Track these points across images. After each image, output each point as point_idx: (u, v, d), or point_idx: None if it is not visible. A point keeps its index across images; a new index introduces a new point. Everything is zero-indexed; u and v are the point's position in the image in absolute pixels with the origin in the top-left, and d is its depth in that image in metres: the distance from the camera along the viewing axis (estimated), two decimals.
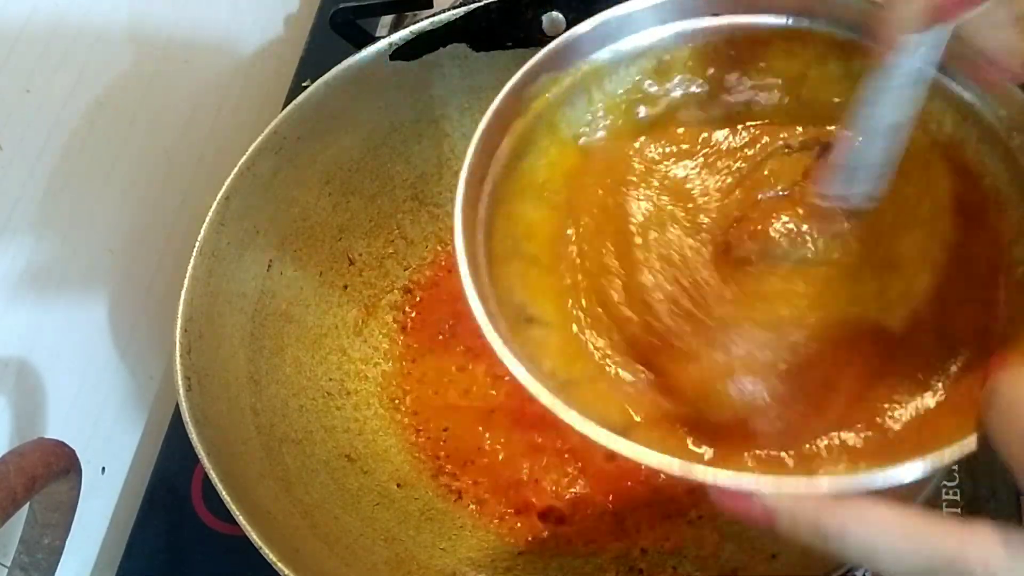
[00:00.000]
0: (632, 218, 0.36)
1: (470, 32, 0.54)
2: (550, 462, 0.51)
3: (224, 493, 0.42)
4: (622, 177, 0.36)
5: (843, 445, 0.30)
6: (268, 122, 0.51)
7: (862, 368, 0.32)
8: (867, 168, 0.32)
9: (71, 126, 0.54)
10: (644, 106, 0.37)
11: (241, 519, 0.41)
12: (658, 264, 0.35)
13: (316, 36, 0.76)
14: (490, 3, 0.53)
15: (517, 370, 0.29)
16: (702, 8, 0.36)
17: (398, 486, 0.52)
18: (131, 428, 0.63)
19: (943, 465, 0.26)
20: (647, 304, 0.34)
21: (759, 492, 0.27)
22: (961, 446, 0.26)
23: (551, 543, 0.49)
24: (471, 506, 0.51)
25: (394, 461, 0.53)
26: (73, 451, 0.43)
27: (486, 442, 0.53)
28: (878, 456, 0.29)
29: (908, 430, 0.30)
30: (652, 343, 0.33)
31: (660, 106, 0.37)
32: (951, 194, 0.33)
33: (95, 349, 0.58)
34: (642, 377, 0.33)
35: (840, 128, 0.33)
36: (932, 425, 0.29)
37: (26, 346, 0.52)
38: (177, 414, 0.58)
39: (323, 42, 0.74)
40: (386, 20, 0.75)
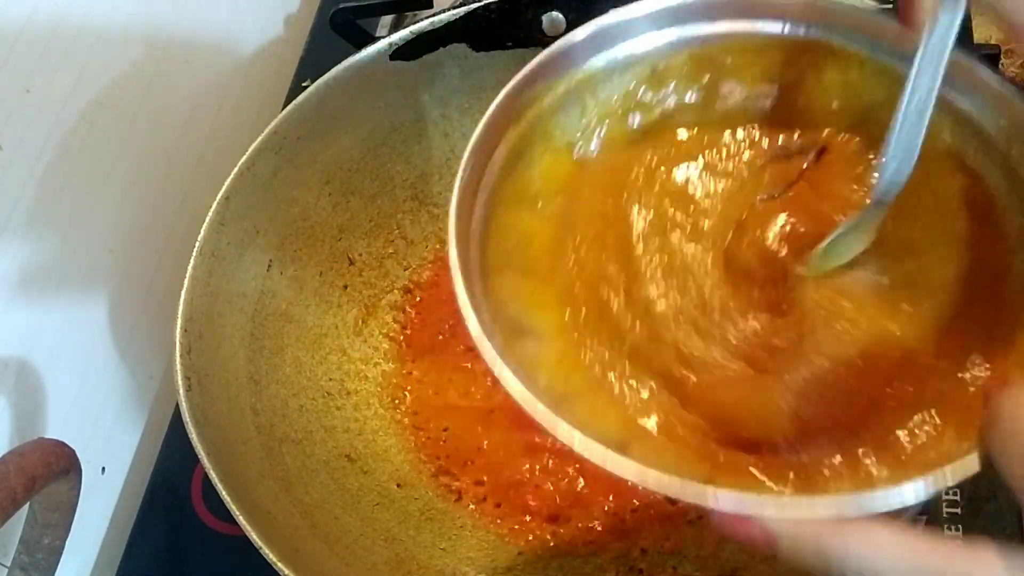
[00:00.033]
0: (630, 226, 0.35)
1: (470, 32, 0.54)
2: (550, 462, 0.51)
3: (224, 493, 0.42)
4: (618, 185, 0.36)
5: (847, 465, 0.30)
6: (268, 122, 0.51)
7: (872, 385, 0.31)
8: (900, 151, 0.31)
9: (71, 126, 0.54)
10: (639, 113, 0.36)
11: (241, 519, 0.41)
12: (660, 273, 0.34)
13: (316, 36, 0.76)
14: (490, 3, 0.53)
15: (513, 386, 0.29)
16: (698, 14, 0.35)
17: (398, 486, 0.52)
18: (131, 428, 0.63)
19: (945, 486, 0.26)
20: (651, 314, 0.33)
21: (761, 515, 0.26)
22: (964, 466, 0.26)
23: (551, 543, 0.49)
24: (471, 506, 0.51)
25: (394, 461, 0.53)
26: (73, 451, 0.43)
27: (486, 442, 0.52)
28: (881, 476, 0.29)
29: (911, 449, 0.29)
30: (658, 354, 0.33)
31: (655, 113, 0.36)
32: (962, 198, 0.33)
33: (95, 349, 0.58)
34: (647, 389, 0.33)
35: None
36: (934, 445, 0.29)
37: (26, 346, 0.52)
38: (177, 414, 0.58)
39: (323, 42, 0.74)
40: (386, 20, 0.75)
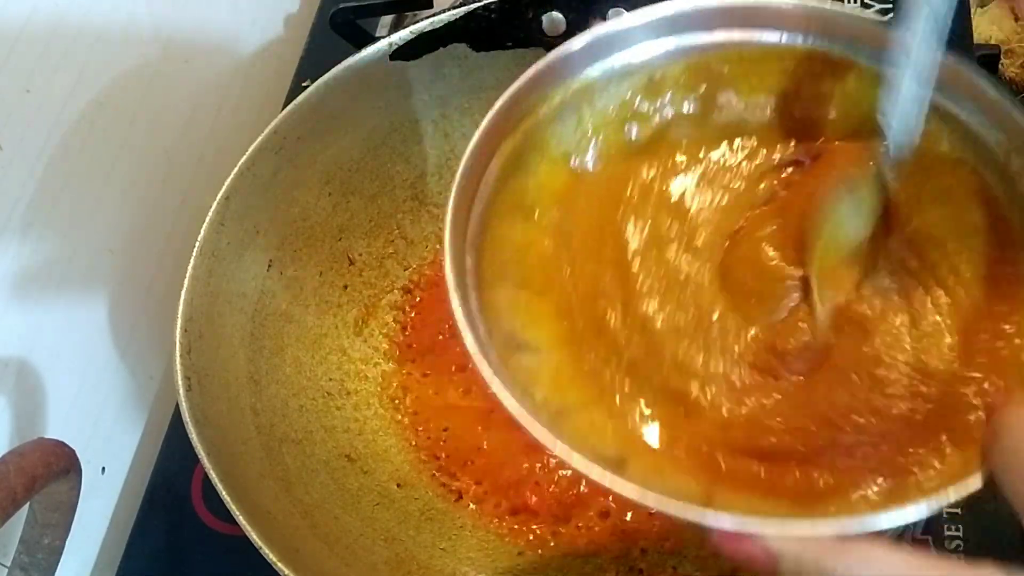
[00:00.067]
0: (627, 239, 0.35)
1: (470, 32, 0.54)
2: (550, 462, 0.51)
3: (224, 493, 0.42)
4: (614, 197, 0.35)
5: (850, 477, 0.29)
6: (268, 122, 0.51)
7: (876, 397, 0.31)
8: (906, 112, 0.31)
9: (71, 126, 0.54)
10: (635, 124, 0.36)
11: (241, 519, 0.41)
12: (657, 287, 0.34)
13: (316, 36, 0.76)
14: (490, 3, 0.53)
15: (509, 404, 0.29)
16: (695, 24, 0.35)
17: (398, 486, 0.52)
18: (131, 428, 0.63)
19: (947, 504, 0.26)
20: (649, 329, 0.33)
21: (761, 534, 0.26)
22: (966, 485, 0.26)
23: (551, 543, 0.49)
24: (471, 506, 0.51)
25: (394, 461, 0.53)
26: (73, 451, 0.43)
27: (486, 442, 0.52)
28: (884, 492, 0.28)
29: (915, 465, 0.29)
30: (658, 368, 0.33)
31: (652, 124, 0.36)
32: (981, 209, 0.33)
33: (95, 349, 0.58)
34: (647, 402, 0.32)
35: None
36: (937, 461, 0.29)
37: (26, 346, 0.52)
38: (177, 414, 0.58)
39: (323, 42, 0.74)
40: (386, 20, 0.75)
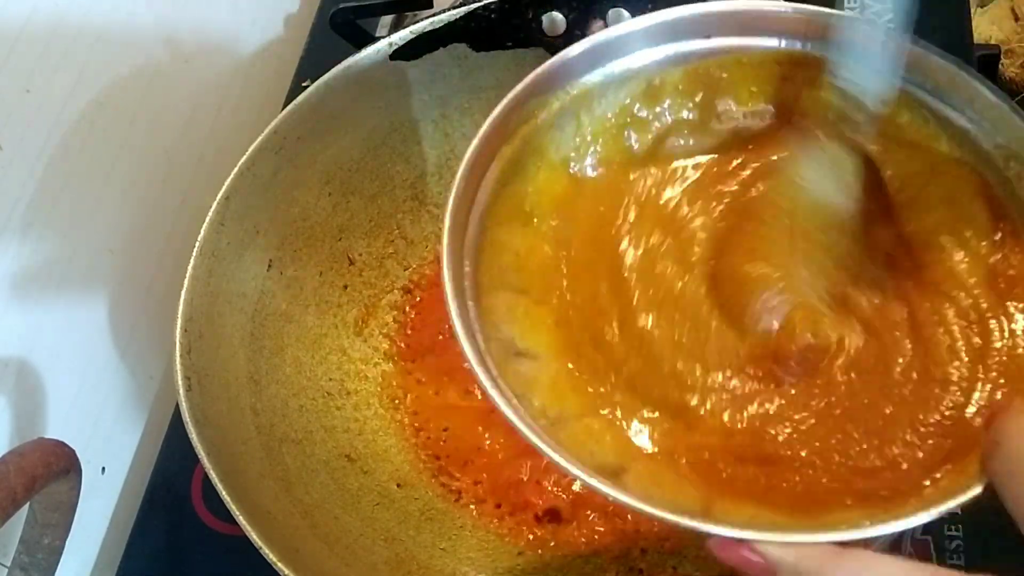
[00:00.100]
0: (624, 249, 0.35)
1: (470, 32, 0.54)
2: (550, 462, 0.51)
3: (224, 493, 0.42)
4: (612, 204, 0.35)
5: (851, 483, 0.29)
6: (268, 122, 0.51)
7: (879, 403, 0.31)
8: (878, 55, 0.31)
9: (71, 126, 0.54)
10: (634, 130, 0.36)
11: (241, 519, 0.41)
12: (654, 298, 0.34)
13: (316, 36, 0.76)
14: (490, 3, 0.52)
15: (508, 413, 0.28)
16: (694, 31, 0.35)
17: (398, 486, 0.52)
18: (131, 428, 0.63)
19: (947, 512, 0.26)
20: (648, 340, 0.33)
21: (759, 542, 0.26)
22: (966, 492, 0.26)
23: (551, 543, 0.49)
24: (471, 506, 0.51)
25: (394, 461, 0.53)
26: (73, 451, 0.43)
27: (486, 442, 0.52)
28: (885, 501, 0.28)
29: (915, 473, 0.29)
30: (657, 379, 0.33)
31: (650, 130, 0.36)
32: (966, 186, 0.33)
33: (95, 349, 0.58)
34: (645, 412, 0.32)
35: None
36: (938, 469, 0.29)
37: (26, 346, 0.52)
38: (177, 414, 0.58)
39: (323, 42, 0.74)
40: (386, 20, 0.75)
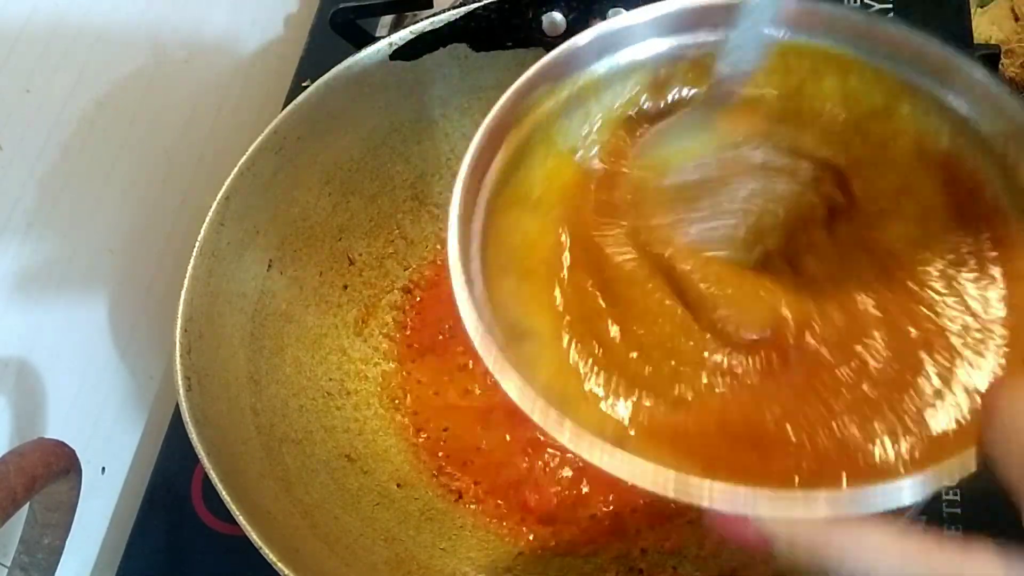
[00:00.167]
0: (624, 238, 0.35)
1: (470, 32, 0.54)
2: (550, 462, 0.51)
3: (224, 493, 0.42)
4: (616, 195, 0.36)
5: (845, 463, 0.29)
6: (268, 122, 0.51)
7: (868, 383, 0.31)
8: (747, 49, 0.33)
9: (71, 126, 0.54)
10: (641, 120, 0.36)
11: (241, 519, 0.41)
12: (652, 287, 0.34)
13: (316, 36, 0.76)
14: (490, 3, 0.53)
15: (510, 384, 0.29)
16: (700, 21, 0.35)
17: (398, 486, 0.52)
18: (131, 428, 0.63)
19: (942, 485, 0.26)
20: (641, 329, 0.33)
21: (756, 514, 0.26)
22: (960, 465, 0.26)
23: (551, 543, 0.49)
24: (471, 506, 0.51)
25: (394, 461, 0.53)
26: (73, 451, 0.43)
27: (486, 442, 0.52)
28: (878, 475, 0.28)
29: (908, 447, 0.29)
30: (657, 371, 0.33)
31: (656, 120, 0.36)
32: (943, 196, 0.33)
33: (95, 349, 0.58)
34: (646, 400, 0.32)
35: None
36: (932, 443, 0.29)
37: (26, 346, 0.52)
38: (177, 414, 0.58)
39: (323, 42, 0.74)
40: (386, 20, 0.75)
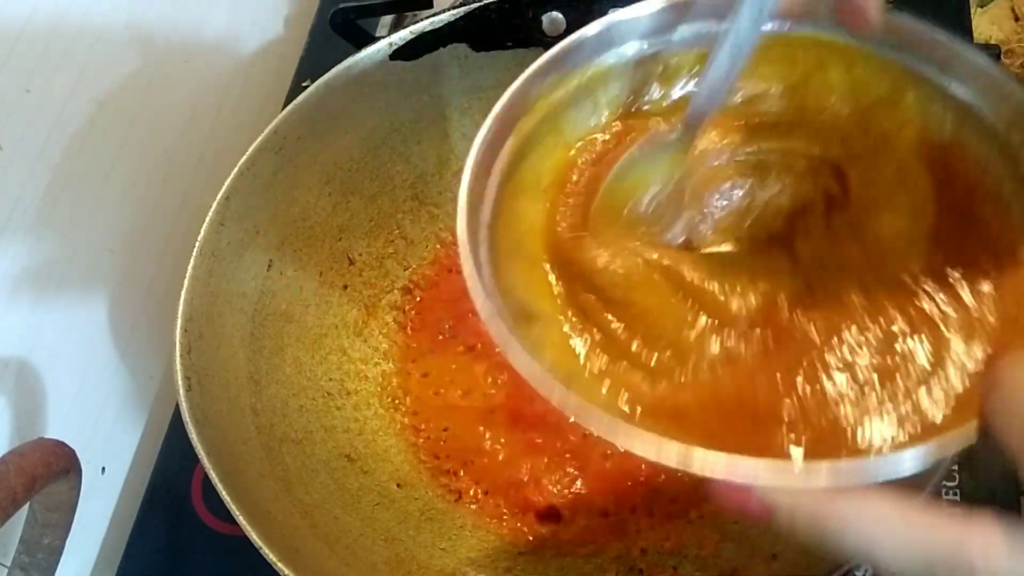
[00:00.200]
0: (631, 224, 0.35)
1: (470, 32, 0.54)
2: (550, 462, 0.51)
3: (224, 493, 0.42)
4: (621, 183, 0.36)
5: (845, 436, 0.30)
6: (268, 122, 0.51)
7: (874, 356, 0.32)
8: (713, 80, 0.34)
9: (71, 126, 0.54)
10: (649, 110, 0.37)
11: (241, 519, 0.41)
12: (653, 270, 0.34)
13: (316, 36, 0.76)
14: (490, 3, 0.53)
15: (519, 359, 0.29)
16: (706, 13, 0.35)
17: (398, 486, 0.52)
18: (131, 428, 0.63)
19: (943, 455, 0.26)
20: (642, 313, 0.34)
21: (758, 484, 0.26)
22: (961, 436, 0.26)
23: (551, 543, 0.49)
24: (471, 506, 0.51)
25: (394, 461, 0.53)
26: (73, 451, 0.43)
27: (486, 442, 0.52)
28: (879, 446, 0.29)
29: (909, 418, 0.29)
30: (651, 346, 0.33)
31: (665, 112, 0.37)
32: (938, 190, 0.33)
33: (95, 349, 0.58)
34: (650, 381, 0.33)
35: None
36: (931, 416, 0.29)
37: (26, 346, 0.52)
38: (177, 414, 0.58)
39: (323, 42, 0.74)
40: (386, 20, 0.75)
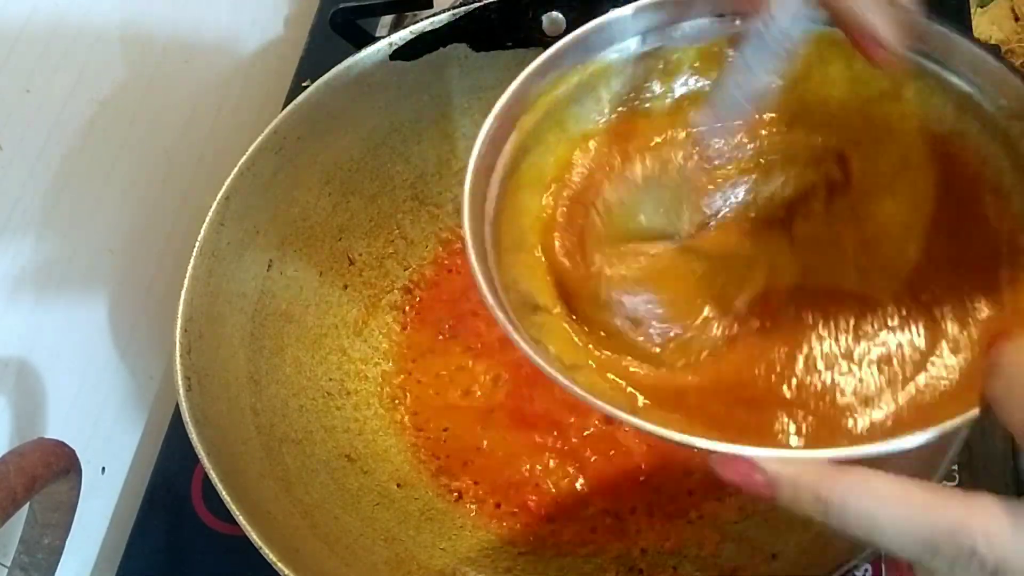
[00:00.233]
0: (630, 220, 0.36)
1: (470, 32, 0.54)
2: (550, 462, 0.51)
3: (224, 493, 0.42)
4: (624, 179, 0.36)
5: (848, 415, 0.30)
6: (268, 122, 0.51)
7: (877, 333, 0.32)
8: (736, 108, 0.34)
9: (71, 126, 0.54)
10: (650, 106, 0.37)
11: (241, 519, 0.41)
12: (653, 263, 0.35)
13: (316, 36, 0.76)
14: (490, 3, 0.53)
15: (524, 345, 0.29)
16: (707, 9, 0.36)
17: (398, 486, 0.52)
18: (131, 428, 0.63)
19: (945, 432, 0.26)
20: (640, 301, 0.34)
21: (761, 459, 0.26)
22: (964, 415, 0.26)
23: (551, 543, 0.49)
24: (471, 506, 0.51)
25: (394, 461, 0.53)
26: (73, 451, 0.43)
27: (486, 442, 0.52)
28: (882, 422, 0.29)
29: (912, 396, 0.30)
30: (650, 337, 0.34)
31: (666, 107, 0.37)
32: (939, 179, 0.34)
33: (95, 349, 0.58)
34: (641, 369, 0.33)
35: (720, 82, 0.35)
36: (934, 392, 0.30)
37: (26, 346, 0.52)
38: (177, 414, 0.58)
39: (323, 42, 0.74)
40: (386, 20, 0.75)
